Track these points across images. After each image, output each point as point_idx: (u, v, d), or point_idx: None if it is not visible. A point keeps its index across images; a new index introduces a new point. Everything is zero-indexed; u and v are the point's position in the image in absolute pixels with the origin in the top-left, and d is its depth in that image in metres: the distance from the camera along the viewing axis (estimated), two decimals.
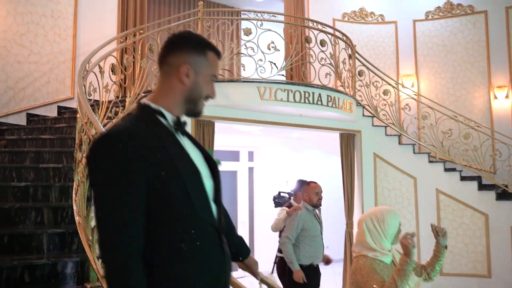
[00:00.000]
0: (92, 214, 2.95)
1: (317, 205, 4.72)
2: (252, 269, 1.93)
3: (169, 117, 1.46)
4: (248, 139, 8.96)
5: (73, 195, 3.21)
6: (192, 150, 1.50)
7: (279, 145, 9.62)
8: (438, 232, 2.96)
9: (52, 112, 5.87)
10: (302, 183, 5.12)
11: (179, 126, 1.49)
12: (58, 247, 3.12)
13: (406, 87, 8.88)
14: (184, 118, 1.55)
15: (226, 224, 1.62)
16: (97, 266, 2.76)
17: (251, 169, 9.51)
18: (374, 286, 2.54)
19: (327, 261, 4.98)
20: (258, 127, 7.09)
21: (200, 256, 1.38)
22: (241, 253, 1.86)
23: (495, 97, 8.83)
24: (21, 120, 5.63)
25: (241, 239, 1.88)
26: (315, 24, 6.54)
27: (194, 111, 1.55)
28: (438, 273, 2.96)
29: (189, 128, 5.36)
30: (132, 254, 1.27)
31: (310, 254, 4.61)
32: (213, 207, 1.48)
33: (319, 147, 9.50)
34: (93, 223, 2.88)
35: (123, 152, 1.29)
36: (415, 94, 8.84)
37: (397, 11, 9.70)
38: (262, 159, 9.62)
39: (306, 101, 5.97)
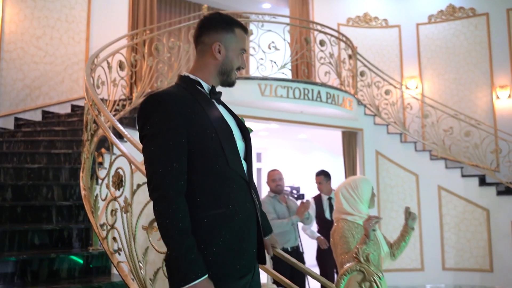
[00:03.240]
0: (96, 186, 3.27)
1: (276, 191, 4.96)
2: (273, 245, 2.07)
3: (206, 86, 1.69)
4: (256, 141, 9.21)
5: (80, 173, 3.52)
6: (226, 115, 1.72)
7: (286, 147, 9.88)
8: (410, 215, 3.14)
9: (66, 110, 6.25)
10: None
11: (215, 94, 1.71)
12: (66, 218, 3.44)
13: (408, 87, 9.10)
14: (219, 88, 1.78)
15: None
16: (99, 231, 3.07)
17: (259, 170, 9.78)
18: (338, 250, 2.78)
19: (321, 243, 5.22)
20: (262, 125, 7.37)
21: (231, 199, 1.58)
22: (265, 228, 1.98)
23: (498, 97, 8.99)
24: (37, 116, 6.02)
25: (265, 216, 2.01)
26: (314, 25, 6.82)
27: (227, 82, 1.77)
28: (402, 251, 3.15)
29: None
30: (176, 192, 1.48)
31: (279, 238, 4.75)
32: (244, 164, 1.69)
33: (326, 149, 9.74)
34: (96, 192, 3.20)
35: (169, 109, 1.52)
36: (418, 94, 9.05)
37: (400, 16, 9.95)
38: (270, 160, 9.89)
39: (306, 97, 6.26)
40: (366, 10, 10.03)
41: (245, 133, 1.77)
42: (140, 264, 2.65)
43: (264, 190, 9.52)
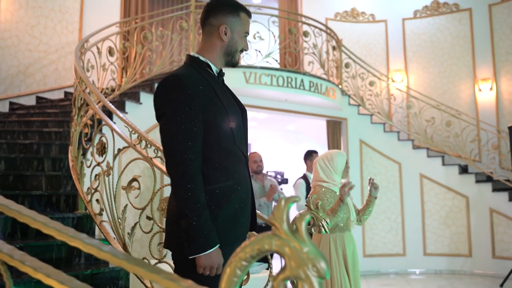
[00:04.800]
0: (81, 154, 3.53)
1: (257, 171, 5.34)
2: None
3: (214, 68, 1.83)
4: (250, 128, 9.49)
5: (70, 147, 3.79)
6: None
7: (276, 137, 10.15)
8: (373, 185, 3.43)
9: (59, 96, 6.52)
10: None
11: (221, 76, 1.87)
12: (54, 187, 3.70)
13: (393, 80, 9.37)
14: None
15: None
16: (84, 196, 3.34)
17: None
18: (311, 205, 3.06)
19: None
20: (250, 114, 7.63)
21: (237, 173, 1.76)
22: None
23: (480, 90, 9.26)
24: (31, 101, 6.28)
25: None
26: (298, 17, 7.09)
27: (232, 62, 1.89)
28: (367, 218, 3.49)
29: None
30: (196, 167, 1.62)
31: None
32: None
33: (313, 139, 10.00)
34: (82, 160, 3.47)
35: (185, 90, 1.65)
36: (402, 86, 9.33)
37: (387, 11, 10.23)
38: (259, 150, 10.15)
39: (289, 85, 6.53)
40: (353, 5, 10.30)
41: (243, 112, 1.92)
42: (119, 221, 2.92)
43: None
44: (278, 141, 10.16)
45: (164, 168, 2.80)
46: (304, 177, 5.91)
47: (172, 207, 1.73)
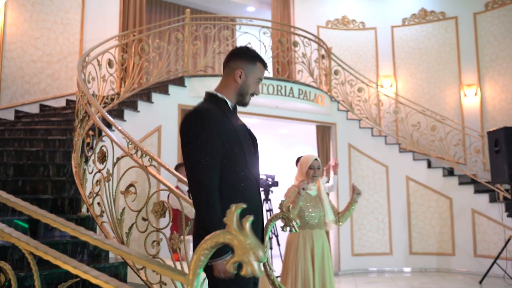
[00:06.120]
0: (84, 162, 3.90)
1: None
2: None
3: (230, 104, 2.11)
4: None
5: (73, 154, 4.16)
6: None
7: (269, 141, 10.50)
8: (355, 191, 3.79)
9: (61, 104, 6.89)
10: None
11: (235, 110, 2.15)
12: (59, 191, 4.07)
13: (382, 86, 9.75)
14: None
15: None
16: (86, 199, 3.71)
17: None
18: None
19: None
20: (243, 120, 7.99)
21: (249, 194, 2.03)
22: None
23: (465, 95, 9.64)
24: (35, 109, 6.66)
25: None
26: (290, 28, 7.46)
27: (242, 102, 2.17)
28: (346, 219, 3.85)
29: (175, 117, 6.36)
30: (214, 188, 1.88)
31: None
32: None
33: (305, 143, 10.36)
34: (84, 167, 3.83)
35: (208, 122, 1.93)
36: (389, 92, 9.71)
37: (376, 19, 10.62)
38: None
39: (279, 93, 6.91)
40: (344, 13, 10.68)
41: (254, 141, 2.21)
42: (118, 222, 3.29)
43: None
44: (272, 145, 10.52)
45: (157, 175, 3.20)
46: None
47: (197, 221, 1.98)
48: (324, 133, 8.17)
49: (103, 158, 3.51)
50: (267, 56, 6.90)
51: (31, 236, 3.37)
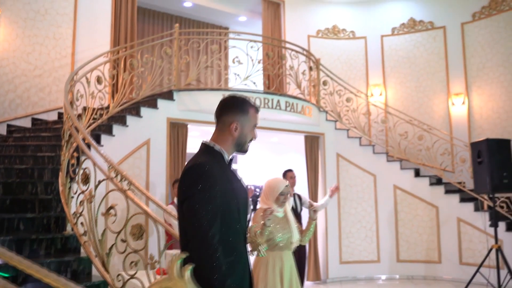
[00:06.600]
0: (69, 181, 4.05)
1: None
2: None
3: (226, 156, 2.10)
4: None
5: (60, 173, 4.32)
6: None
7: (261, 149, 10.65)
8: (313, 210, 3.93)
9: (53, 117, 7.04)
10: None
11: (231, 162, 2.14)
12: (46, 209, 4.23)
13: (366, 95, 9.90)
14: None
15: None
16: (71, 218, 3.86)
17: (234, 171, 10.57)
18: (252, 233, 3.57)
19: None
20: None
21: (239, 251, 2.05)
22: None
23: (453, 104, 9.81)
24: (27, 123, 6.80)
25: None
26: (278, 41, 7.61)
27: (241, 151, 2.17)
28: (309, 237, 4.00)
29: (164, 130, 6.51)
30: (218, 241, 1.85)
31: None
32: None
33: (296, 150, 10.51)
34: (68, 186, 3.99)
35: (208, 177, 1.90)
36: (376, 101, 9.87)
37: (366, 28, 10.79)
38: (245, 161, 10.70)
39: (266, 106, 7.06)
40: (334, 23, 10.85)
41: (245, 191, 2.19)
42: (99, 242, 3.45)
43: None
44: (263, 152, 10.68)
45: (135, 198, 3.35)
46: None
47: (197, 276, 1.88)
48: (313, 142, 8.32)
49: (85, 179, 3.66)
50: (255, 70, 7.06)
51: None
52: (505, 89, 9.19)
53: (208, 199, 1.88)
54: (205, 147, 2.12)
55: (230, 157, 2.14)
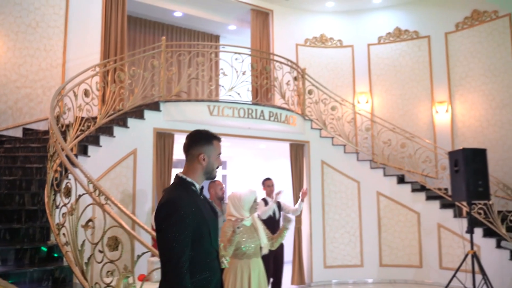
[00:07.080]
0: (53, 194, 4.29)
1: (221, 198, 5.99)
2: None
3: (197, 186, 2.37)
4: (222, 150, 10.26)
5: (46, 185, 4.55)
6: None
7: (250, 155, 10.91)
8: (286, 220, 4.17)
9: (44, 127, 7.27)
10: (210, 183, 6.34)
11: (201, 191, 2.41)
12: (32, 219, 4.46)
13: (352, 104, 10.15)
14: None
15: None
16: (54, 229, 4.10)
17: (224, 177, 10.84)
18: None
19: None
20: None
21: (212, 268, 2.32)
22: None
23: (437, 111, 10.06)
24: (18, 133, 7.03)
25: None
26: (262, 54, 7.85)
27: (210, 177, 2.44)
28: (279, 243, 4.22)
29: (151, 140, 6.74)
30: (185, 269, 2.12)
31: None
32: None
33: (284, 157, 10.76)
34: (52, 198, 4.23)
35: (180, 210, 2.16)
36: (361, 110, 10.11)
37: (353, 37, 11.04)
38: (235, 167, 10.95)
39: (250, 116, 7.30)
40: (322, 31, 11.10)
41: (216, 215, 2.49)
42: (79, 252, 3.69)
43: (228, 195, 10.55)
44: (252, 158, 10.93)
45: (111, 212, 3.59)
46: (263, 200, 6.66)
47: None
48: (298, 150, 8.56)
49: (68, 193, 3.91)
50: (239, 81, 7.29)
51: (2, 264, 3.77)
52: (486, 97, 9.44)
53: (177, 231, 2.12)
54: (178, 179, 2.39)
55: (201, 186, 2.40)
